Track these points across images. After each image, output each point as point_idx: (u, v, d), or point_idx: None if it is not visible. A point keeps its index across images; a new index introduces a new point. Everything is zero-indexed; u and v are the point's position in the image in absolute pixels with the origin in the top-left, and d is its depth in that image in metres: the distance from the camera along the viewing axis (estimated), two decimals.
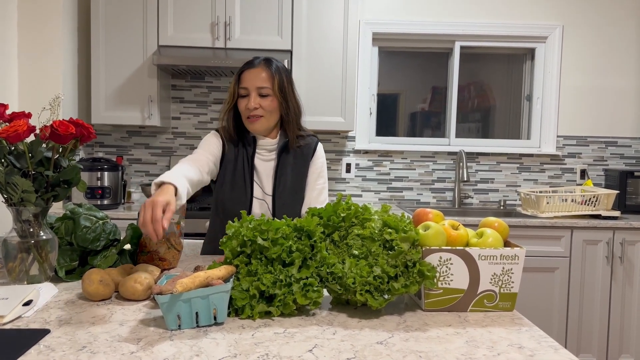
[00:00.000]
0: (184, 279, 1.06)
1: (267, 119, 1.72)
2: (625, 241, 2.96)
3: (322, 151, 1.87)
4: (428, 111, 3.71)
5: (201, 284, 1.08)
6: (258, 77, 1.69)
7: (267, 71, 1.70)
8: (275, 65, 1.73)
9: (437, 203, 3.60)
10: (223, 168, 1.76)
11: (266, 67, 1.71)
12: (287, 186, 1.76)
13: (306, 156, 1.81)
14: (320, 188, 1.84)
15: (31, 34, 2.89)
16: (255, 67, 1.71)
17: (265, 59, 1.74)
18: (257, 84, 1.69)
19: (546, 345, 1.05)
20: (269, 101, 1.70)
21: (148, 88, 3.12)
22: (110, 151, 3.48)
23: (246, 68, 1.73)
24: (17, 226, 1.33)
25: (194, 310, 1.07)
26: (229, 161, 1.76)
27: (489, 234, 1.27)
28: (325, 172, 1.87)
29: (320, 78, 3.15)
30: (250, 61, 1.74)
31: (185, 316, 1.06)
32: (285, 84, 1.73)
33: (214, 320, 1.09)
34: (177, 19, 3.09)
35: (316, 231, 1.23)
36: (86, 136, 1.37)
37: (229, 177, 1.75)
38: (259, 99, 1.69)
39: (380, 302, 1.17)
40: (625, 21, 3.53)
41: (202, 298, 1.06)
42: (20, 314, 1.13)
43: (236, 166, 1.75)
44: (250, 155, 1.76)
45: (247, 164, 1.75)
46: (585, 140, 3.60)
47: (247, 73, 1.72)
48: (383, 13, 3.49)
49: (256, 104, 1.69)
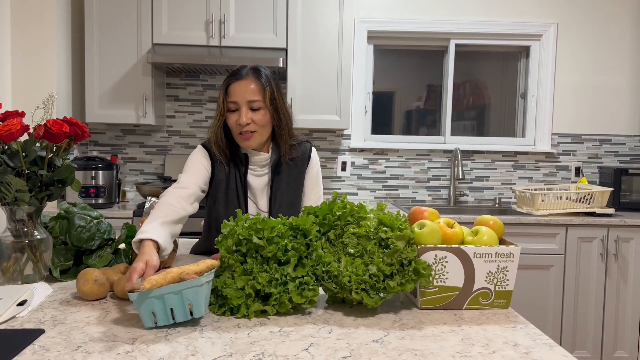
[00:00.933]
0: (154, 276, 1.06)
1: (260, 134, 1.62)
2: (620, 238, 2.98)
3: (317, 157, 1.79)
4: (423, 109, 3.71)
5: (174, 280, 1.07)
6: (247, 89, 1.58)
7: (257, 82, 1.59)
8: (264, 75, 1.62)
9: (432, 201, 3.61)
10: (214, 187, 1.68)
11: (255, 77, 1.60)
12: (283, 202, 1.70)
13: (301, 167, 1.74)
14: (317, 198, 1.79)
15: (24, 31, 2.87)
16: (243, 78, 1.60)
17: (253, 69, 1.63)
18: (248, 97, 1.58)
19: (541, 342, 1.05)
20: (260, 115, 1.60)
21: (142, 86, 3.11)
22: (104, 150, 3.46)
23: (234, 80, 1.60)
24: (11, 226, 1.32)
25: (168, 306, 1.06)
26: (220, 180, 1.67)
27: (484, 232, 1.27)
28: (320, 179, 1.80)
29: (316, 76, 3.15)
30: (237, 71, 1.62)
31: (159, 312, 1.05)
32: (276, 94, 1.63)
33: (191, 316, 1.08)
34: (171, 16, 3.08)
35: (312, 230, 1.23)
36: (80, 135, 1.37)
37: (222, 196, 1.67)
38: (250, 114, 1.59)
39: (375, 300, 1.17)
40: (620, 19, 3.54)
41: (175, 294, 1.05)
42: (15, 314, 1.12)
43: (229, 184, 1.67)
44: (242, 173, 1.68)
45: (240, 181, 1.67)
46: (579, 137, 3.61)
47: (235, 85, 1.59)
48: (378, 11, 3.49)
49: (248, 119, 1.58)
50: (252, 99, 1.58)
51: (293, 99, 3.14)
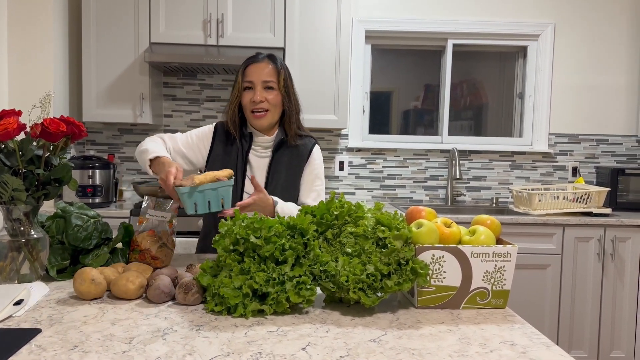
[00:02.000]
0: (198, 176, 1.38)
1: (272, 113, 1.75)
2: (617, 238, 2.99)
3: (319, 153, 1.86)
4: (421, 109, 3.72)
5: (211, 180, 1.38)
6: (263, 71, 1.73)
7: (273, 65, 1.74)
8: (279, 60, 1.77)
9: (430, 201, 3.61)
10: (211, 163, 1.78)
11: (271, 61, 1.75)
12: (280, 182, 1.77)
13: (302, 156, 1.81)
14: (319, 189, 1.83)
15: (21, 30, 2.87)
16: (260, 61, 1.75)
17: (269, 55, 1.78)
18: (263, 78, 1.72)
19: (538, 342, 1.05)
20: (274, 95, 1.73)
21: (140, 86, 3.10)
22: (101, 149, 3.45)
23: (251, 62, 1.75)
24: (7, 225, 1.31)
25: (207, 199, 1.37)
26: (217, 156, 1.78)
27: (482, 232, 1.27)
28: (322, 173, 1.86)
29: (313, 76, 3.15)
30: (255, 56, 1.77)
31: (200, 204, 1.37)
32: (288, 80, 1.77)
33: (222, 208, 1.40)
34: (169, 16, 3.07)
35: (309, 229, 1.23)
36: (77, 134, 1.36)
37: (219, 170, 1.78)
38: (264, 93, 1.72)
39: (373, 299, 1.17)
40: (617, 19, 3.55)
41: (213, 190, 1.38)
42: (11, 314, 1.12)
43: (229, 160, 1.76)
44: (245, 151, 1.78)
45: (240, 158, 1.76)
46: (577, 137, 3.62)
47: (252, 67, 1.74)
48: (376, 11, 3.49)
49: (262, 97, 1.71)
50: (267, 79, 1.73)
51: None
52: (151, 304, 1.22)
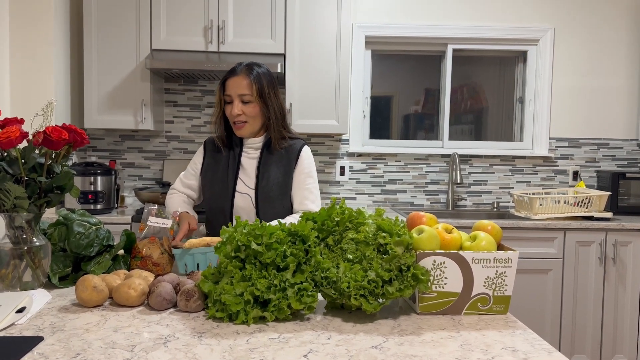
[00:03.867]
0: (192, 240, 1.53)
1: (251, 124, 1.83)
2: (618, 242, 2.98)
3: (309, 153, 1.91)
4: (421, 113, 3.72)
5: (203, 245, 1.52)
6: (239, 84, 1.79)
7: (247, 79, 1.79)
8: (255, 72, 1.81)
9: (430, 205, 3.61)
10: (204, 170, 1.92)
11: (247, 74, 1.80)
12: (270, 180, 1.83)
13: (291, 157, 1.86)
14: (311, 187, 1.87)
15: (23, 37, 2.88)
16: (237, 75, 1.81)
17: (247, 66, 1.83)
18: (239, 92, 1.79)
19: (540, 348, 1.06)
20: (251, 107, 1.80)
21: (141, 92, 3.11)
22: (103, 155, 3.46)
23: (229, 76, 1.82)
24: (9, 232, 1.32)
25: (196, 261, 1.52)
26: (209, 164, 1.91)
27: (482, 237, 1.27)
28: (313, 172, 1.90)
29: (314, 81, 3.15)
30: (233, 69, 1.83)
31: (190, 265, 1.53)
32: (266, 89, 1.81)
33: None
34: (170, 22, 3.08)
35: (310, 235, 1.23)
36: (79, 142, 1.37)
37: (211, 175, 1.89)
38: (241, 106, 1.79)
39: (374, 306, 1.17)
40: (616, 23, 3.56)
41: (202, 254, 1.52)
42: (14, 321, 1.12)
43: (220, 164, 1.88)
44: (237, 154, 1.87)
45: (233, 160, 1.86)
46: (577, 142, 3.62)
47: (230, 81, 1.81)
48: (376, 16, 3.51)
49: (239, 111, 1.79)
50: (242, 93, 1.79)
51: (291, 104, 3.14)
52: (153, 311, 1.22)
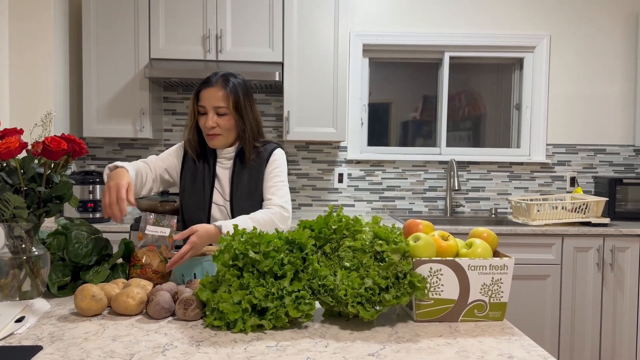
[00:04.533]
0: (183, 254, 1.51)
1: (225, 136, 1.77)
2: (616, 248, 2.99)
3: (280, 155, 1.84)
4: (420, 120, 3.74)
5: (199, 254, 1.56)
6: (215, 96, 1.72)
7: (224, 90, 1.73)
8: (232, 84, 1.75)
9: (429, 212, 3.62)
10: (184, 177, 1.84)
11: (223, 86, 1.74)
12: (244, 191, 1.79)
13: (262, 161, 1.81)
14: (280, 184, 1.80)
15: (22, 47, 2.90)
16: (212, 85, 1.74)
17: (223, 76, 1.76)
18: (214, 104, 1.72)
19: (535, 354, 1.06)
20: (226, 120, 1.74)
21: (140, 101, 3.13)
22: (102, 164, 3.47)
23: (203, 87, 1.75)
24: (9, 242, 1.33)
25: (193, 271, 1.61)
26: (188, 169, 1.83)
27: (478, 244, 1.28)
28: (282, 171, 1.83)
29: (312, 89, 3.17)
30: (208, 79, 1.77)
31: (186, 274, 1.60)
32: (242, 102, 1.75)
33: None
34: (168, 31, 3.11)
35: (308, 244, 1.24)
36: (78, 152, 1.38)
37: (189, 185, 1.82)
38: (216, 118, 1.73)
39: (371, 313, 1.18)
40: (611, 30, 3.59)
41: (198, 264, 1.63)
42: (13, 331, 1.13)
43: (197, 174, 1.82)
44: (212, 164, 1.82)
45: (208, 171, 1.81)
46: (574, 148, 3.64)
47: (204, 92, 1.74)
48: (373, 25, 3.53)
49: (214, 123, 1.73)
50: (218, 105, 1.73)
51: (289, 111, 3.16)
52: (151, 319, 1.23)
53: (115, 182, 1.48)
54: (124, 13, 3.09)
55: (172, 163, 1.85)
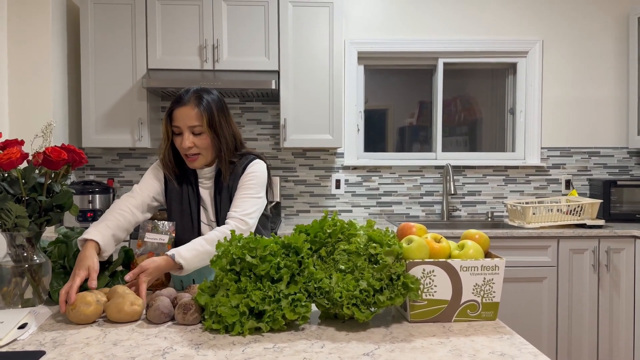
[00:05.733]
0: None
1: (204, 155, 1.70)
2: (611, 249, 3.02)
3: (255, 167, 1.73)
4: (416, 125, 3.78)
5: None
6: (188, 115, 1.65)
7: (197, 109, 1.65)
8: (205, 101, 1.67)
9: (426, 216, 3.65)
10: (169, 198, 1.77)
11: (196, 104, 1.66)
12: (224, 207, 1.73)
13: (236, 176, 1.73)
14: (246, 197, 1.68)
15: (21, 59, 2.93)
16: (185, 104, 1.66)
17: (195, 94, 1.68)
18: (189, 123, 1.65)
19: (526, 351, 1.09)
20: (202, 139, 1.67)
21: (138, 110, 3.16)
22: (101, 174, 3.50)
23: (175, 106, 1.67)
24: (11, 251, 1.36)
25: (191, 277, 1.60)
26: (172, 191, 1.76)
27: (470, 246, 1.31)
28: (254, 184, 1.70)
29: (308, 97, 3.21)
30: (179, 98, 1.69)
31: (185, 280, 1.62)
32: (217, 118, 1.68)
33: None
34: (165, 42, 3.15)
35: (303, 247, 1.27)
36: (78, 161, 1.41)
37: (177, 206, 1.76)
38: (192, 137, 1.66)
39: (366, 315, 1.21)
40: (602, 34, 3.64)
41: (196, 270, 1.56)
42: (16, 337, 1.15)
43: (182, 195, 1.76)
44: (194, 185, 1.76)
45: (192, 192, 1.76)
46: (568, 151, 3.67)
47: (177, 111, 1.66)
48: (367, 32, 3.58)
49: (190, 143, 1.65)
50: (193, 124, 1.65)
51: (286, 119, 3.20)
52: (151, 324, 1.26)
53: (74, 270, 1.36)
54: (122, 24, 3.13)
55: (156, 188, 1.76)
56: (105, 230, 1.52)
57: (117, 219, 1.60)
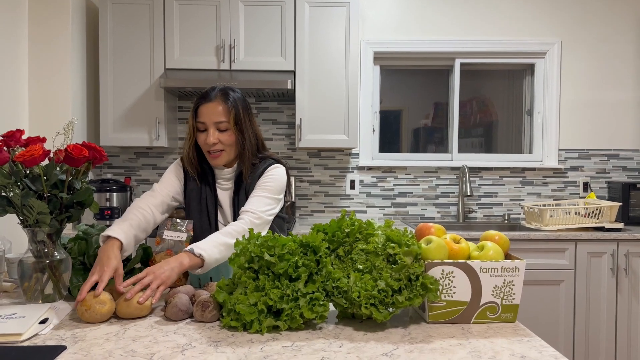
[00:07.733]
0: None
1: (227, 152, 1.70)
2: (630, 253, 2.98)
3: (274, 171, 1.72)
4: (431, 127, 3.76)
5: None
6: (215, 111, 1.66)
7: (224, 105, 1.67)
8: (231, 98, 1.69)
9: (441, 218, 3.63)
10: (188, 198, 1.77)
11: (222, 100, 1.67)
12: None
13: (255, 178, 1.73)
14: (261, 196, 1.67)
15: (41, 59, 2.98)
16: (211, 100, 1.67)
17: (222, 91, 1.70)
18: (215, 119, 1.66)
19: (547, 354, 1.08)
20: (227, 135, 1.67)
21: (155, 110, 3.19)
22: (118, 172, 3.54)
23: (202, 102, 1.69)
24: (32, 247, 1.37)
25: (209, 275, 1.64)
26: (192, 190, 1.77)
27: (490, 247, 1.30)
28: (271, 186, 1.69)
29: (323, 97, 3.21)
30: (206, 94, 1.70)
31: (203, 278, 1.63)
32: (242, 116, 1.69)
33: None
34: (183, 42, 3.17)
35: (321, 247, 1.26)
36: (98, 159, 1.43)
37: (195, 205, 1.76)
38: (217, 134, 1.66)
39: (385, 315, 1.20)
40: (622, 35, 3.59)
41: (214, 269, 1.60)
42: (37, 332, 1.17)
43: (201, 195, 1.76)
44: (212, 185, 1.77)
45: (210, 192, 1.76)
46: (587, 153, 3.63)
47: (203, 107, 1.68)
48: (384, 33, 3.57)
49: (215, 139, 1.66)
50: (219, 120, 1.66)
51: (302, 119, 3.20)
52: (170, 321, 1.26)
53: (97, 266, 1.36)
54: (140, 24, 3.16)
55: (175, 187, 1.77)
56: (129, 230, 1.52)
57: (139, 218, 1.60)
